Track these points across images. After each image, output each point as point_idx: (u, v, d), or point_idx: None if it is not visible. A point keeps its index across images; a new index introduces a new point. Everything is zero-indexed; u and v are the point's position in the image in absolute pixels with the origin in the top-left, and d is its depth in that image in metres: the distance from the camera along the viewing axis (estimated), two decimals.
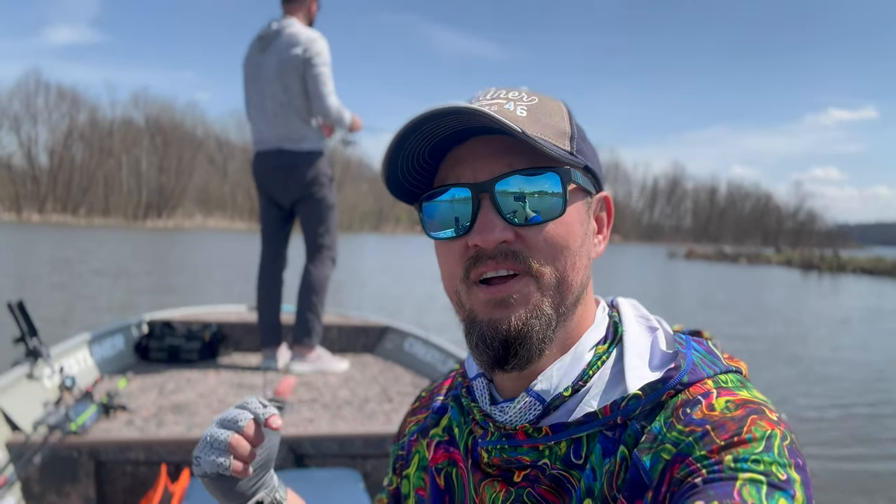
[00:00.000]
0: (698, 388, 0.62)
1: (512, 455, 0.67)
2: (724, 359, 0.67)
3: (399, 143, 0.64)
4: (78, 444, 2.12)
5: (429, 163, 0.69)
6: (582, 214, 0.68)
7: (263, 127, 3.31)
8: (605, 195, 0.74)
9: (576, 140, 0.68)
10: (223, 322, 3.69)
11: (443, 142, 0.66)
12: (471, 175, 0.65)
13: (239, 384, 2.94)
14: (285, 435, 2.28)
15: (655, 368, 0.66)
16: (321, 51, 3.23)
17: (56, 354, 2.71)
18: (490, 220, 0.63)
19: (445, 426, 0.80)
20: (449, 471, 0.77)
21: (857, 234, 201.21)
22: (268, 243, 3.45)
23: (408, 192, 0.71)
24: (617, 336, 0.70)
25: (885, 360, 9.25)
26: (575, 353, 0.68)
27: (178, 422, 2.36)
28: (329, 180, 3.36)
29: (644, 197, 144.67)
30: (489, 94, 0.69)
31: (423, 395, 0.91)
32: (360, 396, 2.82)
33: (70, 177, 75.47)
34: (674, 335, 0.70)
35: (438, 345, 3.39)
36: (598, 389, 0.66)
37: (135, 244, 32.03)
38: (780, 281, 28.16)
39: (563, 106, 0.71)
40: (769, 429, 0.56)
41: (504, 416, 0.68)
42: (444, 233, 0.67)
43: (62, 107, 77.08)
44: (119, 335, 3.32)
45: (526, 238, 0.64)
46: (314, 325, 3.28)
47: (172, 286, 14.25)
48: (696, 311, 14.88)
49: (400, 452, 0.88)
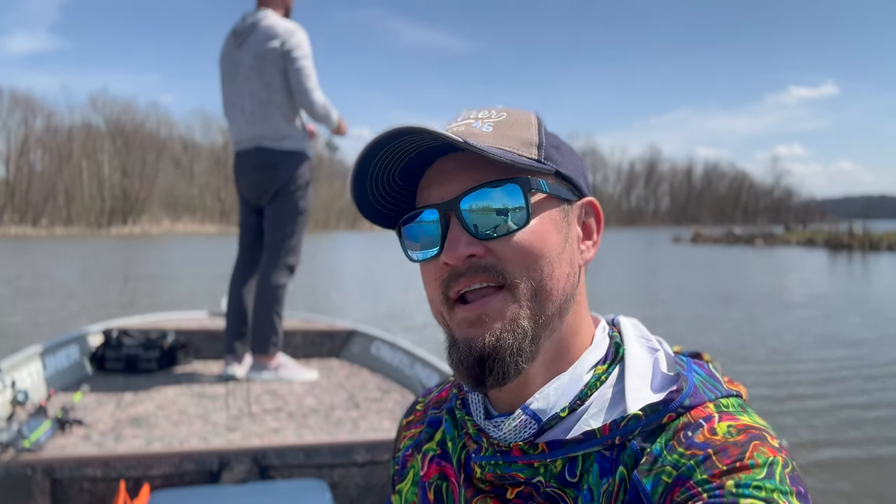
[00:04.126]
0: (700, 412, 0.62)
1: (506, 471, 0.66)
2: (724, 382, 0.67)
3: (361, 171, 0.66)
4: (32, 462, 2.05)
5: (403, 187, 0.70)
6: (557, 222, 0.68)
7: (242, 126, 3.18)
8: (590, 200, 0.73)
9: (544, 147, 0.68)
10: (183, 329, 3.59)
11: (414, 164, 0.68)
12: (437, 195, 0.67)
13: (200, 394, 2.88)
14: (248, 446, 2.23)
15: (657, 390, 0.65)
16: (301, 43, 3.09)
17: (7, 368, 2.62)
18: (456, 236, 0.64)
19: (439, 440, 0.79)
20: (440, 485, 0.76)
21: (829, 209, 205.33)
22: (245, 250, 3.35)
23: (388, 217, 0.72)
24: (618, 356, 0.69)
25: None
26: (573, 374, 0.67)
27: (137, 435, 2.30)
28: (306, 184, 3.23)
29: (621, 182, 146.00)
30: (461, 115, 0.71)
31: (417, 407, 0.89)
32: (326, 404, 2.78)
33: (28, 186, 73.30)
34: (675, 357, 0.70)
35: (405, 348, 3.36)
36: (597, 408, 0.65)
37: (97, 253, 31.25)
38: (815, 264, 24.91)
39: (534, 117, 0.72)
40: (771, 455, 0.56)
41: (499, 432, 0.67)
42: (419, 254, 0.69)
43: (17, 113, 74.85)
44: (73, 345, 3.22)
45: (496, 251, 0.64)
46: (271, 333, 3.17)
47: (133, 295, 13.92)
48: (759, 307, 12.34)
49: (396, 467, 0.86)
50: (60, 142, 76.90)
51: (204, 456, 2.17)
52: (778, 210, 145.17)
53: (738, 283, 17.82)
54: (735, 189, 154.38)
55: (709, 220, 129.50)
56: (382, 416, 2.62)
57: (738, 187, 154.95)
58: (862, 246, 33.79)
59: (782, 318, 11.18)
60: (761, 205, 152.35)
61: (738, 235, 45.59)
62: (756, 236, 44.08)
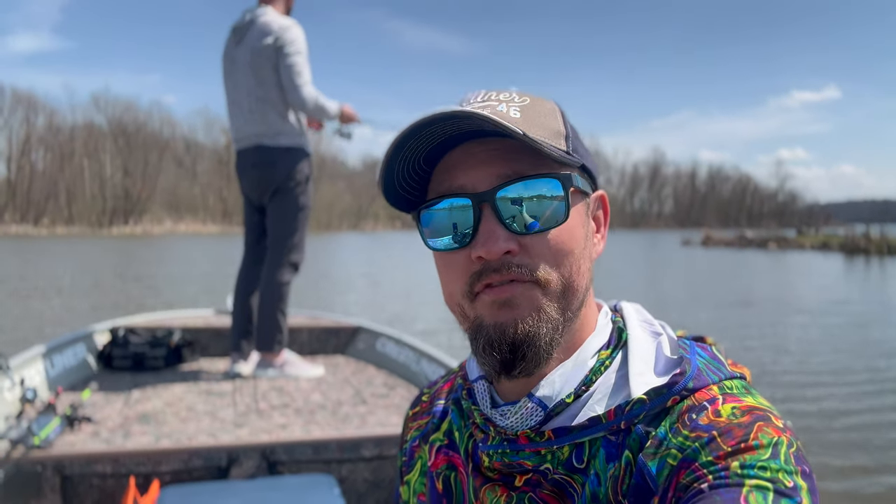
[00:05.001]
0: (704, 394, 0.62)
1: (513, 459, 0.66)
2: (728, 364, 0.67)
3: (396, 152, 0.63)
4: (42, 459, 2.06)
5: (423, 168, 0.67)
6: (582, 216, 0.68)
7: (241, 124, 3.19)
8: (601, 193, 0.74)
9: (571, 140, 0.67)
10: (189, 327, 3.61)
11: (435, 146, 0.65)
12: (467, 181, 0.64)
13: (207, 391, 2.89)
14: (257, 442, 2.25)
15: (660, 374, 0.65)
16: (294, 39, 3.09)
17: (16, 366, 2.63)
18: (492, 230, 0.62)
19: (446, 430, 0.79)
20: (448, 475, 0.76)
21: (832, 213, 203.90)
22: (249, 249, 3.36)
23: (403, 200, 0.69)
24: (621, 341, 0.70)
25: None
26: (577, 360, 0.67)
27: (146, 432, 2.31)
28: (306, 179, 3.23)
29: (625, 184, 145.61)
30: (479, 96, 0.68)
31: (423, 399, 0.89)
32: (333, 400, 2.79)
33: (30, 185, 73.32)
34: (678, 340, 0.70)
35: (411, 344, 3.37)
36: (601, 394, 0.65)
37: (98, 253, 31.26)
38: (832, 269, 23.99)
39: (556, 105, 0.70)
40: (776, 436, 0.56)
41: (505, 420, 0.67)
42: (443, 242, 0.66)
43: (19, 112, 74.87)
44: (81, 344, 3.23)
45: (530, 247, 0.63)
46: (276, 330, 3.19)
47: (139, 294, 13.95)
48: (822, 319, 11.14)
49: (403, 459, 0.86)
50: (62, 141, 76.81)
51: (212, 452, 2.18)
52: (783, 214, 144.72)
53: (757, 287, 17.15)
54: (739, 192, 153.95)
55: (713, 224, 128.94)
56: (390, 411, 2.63)
57: (742, 191, 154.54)
58: (879, 250, 32.82)
59: (811, 326, 10.51)
60: (766, 208, 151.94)
61: (749, 239, 44.61)
62: (769, 240, 43.21)
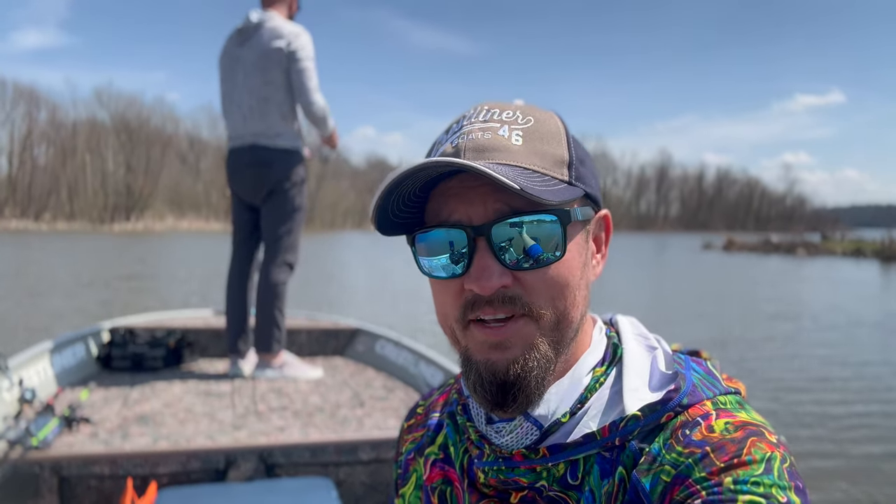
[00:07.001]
0: (698, 410, 0.62)
1: (509, 476, 0.66)
2: (722, 380, 0.67)
3: (388, 196, 0.62)
4: (40, 460, 2.06)
5: (418, 195, 0.66)
6: (581, 246, 0.67)
7: (239, 122, 3.21)
8: (605, 214, 0.73)
9: (574, 166, 0.66)
10: (188, 328, 3.61)
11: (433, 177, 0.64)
12: (464, 212, 0.63)
13: (206, 392, 2.89)
14: (254, 444, 2.25)
15: (655, 389, 0.65)
16: (305, 45, 3.14)
17: (14, 366, 2.63)
18: (487, 265, 0.61)
19: (441, 444, 0.79)
20: (444, 490, 0.76)
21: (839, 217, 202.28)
22: (239, 247, 3.36)
23: (396, 225, 0.68)
24: (616, 357, 0.70)
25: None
26: (573, 377, 0.67)
27: (144, 433, 2.31)
28: (301, 181, 3.26)
29: (631, 186, 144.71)
30: (482, 114, 0.67)
31: (418, 411, 0.89)
32: (331, 402, 2.80)
33: (31, 180, 73.22)
34: (673, 355, 0.70)
35: (410, 346, 3.37)
36: (596, 410, 0.65)
37: (99, 250, 31.22)
38: (870, 277, 22.44)
39: (560, 123, 0.69)
40: (769, 451, 0.56)
41: (500, 438, 0.67)
42: (438, 272, 0.65)
43: (21, 107, 74.77)
44: (80, 344, 3.23)
45: (524, 282, 0.62)
46: (275, 331, 3.19)
47: (138, 294, 13.93)
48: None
49: (398, 471, 0.86)
50: (64, 136, 76.58)
51: (210, 454, 2.19)
52: (790, 218, 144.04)
53: (799, 298, 15.79)
54: (746, 196, 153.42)
55: (720, 227, 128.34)
56: (387, 414, 2.63)
57: (750, 194, 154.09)
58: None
59: (877, 345, 9.59)
60: (773, 212, 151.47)
61: (776, 244, 43.09)
62: (797, 245, 41.63)
